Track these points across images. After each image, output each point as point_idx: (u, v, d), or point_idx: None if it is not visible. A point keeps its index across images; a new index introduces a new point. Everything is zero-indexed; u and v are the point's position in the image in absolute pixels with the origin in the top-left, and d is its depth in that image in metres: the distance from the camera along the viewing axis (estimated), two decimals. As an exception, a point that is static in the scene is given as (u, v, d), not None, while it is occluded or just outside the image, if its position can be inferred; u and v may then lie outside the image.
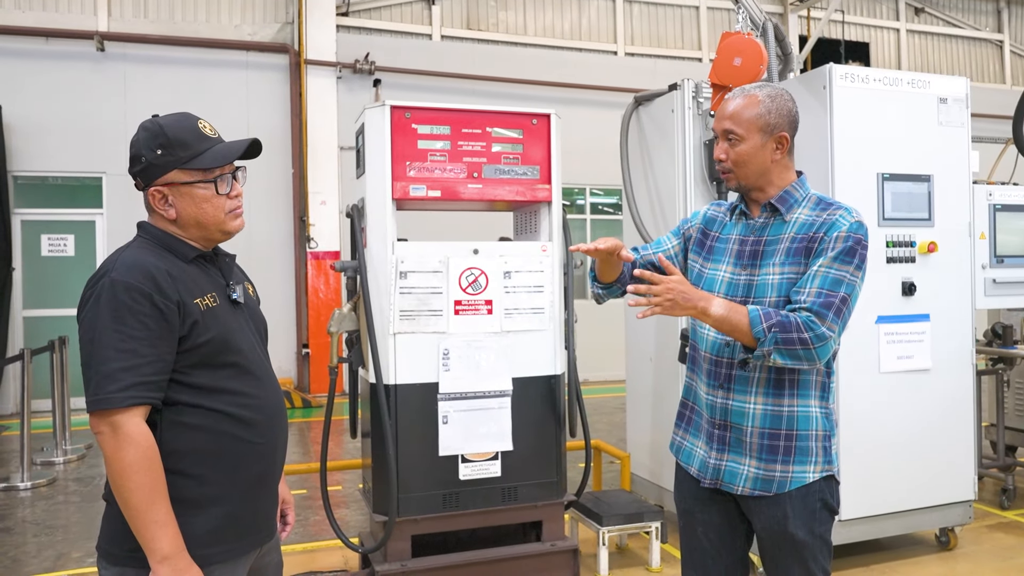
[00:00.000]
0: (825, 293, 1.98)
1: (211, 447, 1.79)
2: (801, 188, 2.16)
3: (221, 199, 1.87)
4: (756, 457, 2.10)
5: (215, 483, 1.80)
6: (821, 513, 2.11)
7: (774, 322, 1.97)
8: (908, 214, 4.06)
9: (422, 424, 3.50)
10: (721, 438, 2.15)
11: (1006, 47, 15.06)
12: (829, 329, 1.96)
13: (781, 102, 2.12)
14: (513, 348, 3.61)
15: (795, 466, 2.08)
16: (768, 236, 2.14)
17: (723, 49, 3.60)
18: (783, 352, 1.97)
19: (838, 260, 2.01)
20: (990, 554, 4.31)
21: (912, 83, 4.09)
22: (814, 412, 2.11)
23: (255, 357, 1.91)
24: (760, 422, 2.09)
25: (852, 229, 2.04)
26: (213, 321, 1.81)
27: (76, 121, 9.39)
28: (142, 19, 9.90)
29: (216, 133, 1.90)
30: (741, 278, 2.15)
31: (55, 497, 5.72)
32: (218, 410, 1.80)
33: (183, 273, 1.80)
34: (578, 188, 11.74)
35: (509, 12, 11.74)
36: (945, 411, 4.14)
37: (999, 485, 5.25)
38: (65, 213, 9.64)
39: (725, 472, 2.14)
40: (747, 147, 2.09)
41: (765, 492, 2.09)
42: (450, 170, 3.58)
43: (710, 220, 2.32)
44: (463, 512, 3.57)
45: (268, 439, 1.89)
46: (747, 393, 2.10)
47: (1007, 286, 4.51)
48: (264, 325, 2.05)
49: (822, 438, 2.12)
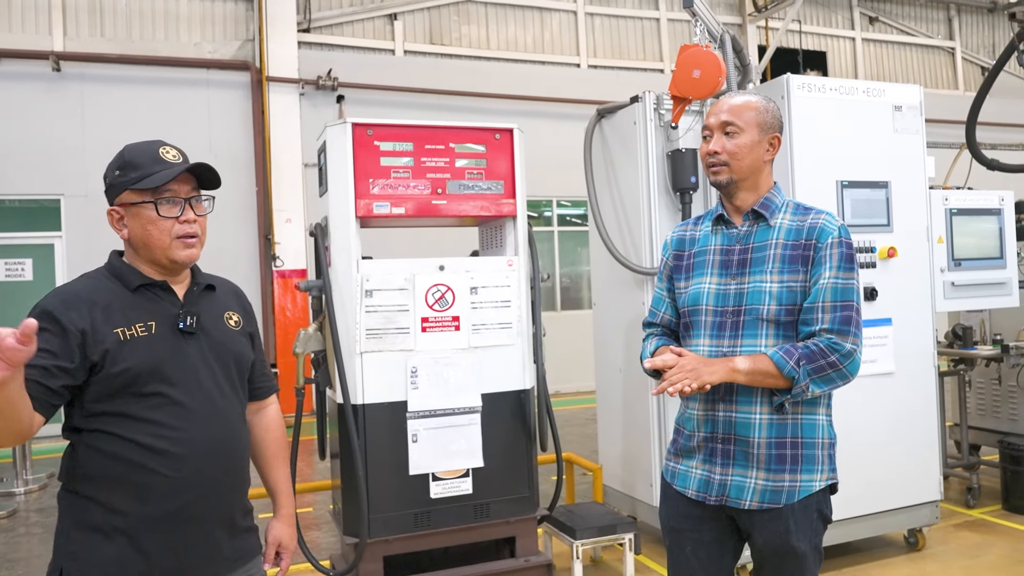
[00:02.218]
0: (840, 307, 2.02)
1: (121, 475, 1.77)
2: (779, 195, 2.20)
3: (167, 222, 1.84)
4: (764, 468, 2.06)
5: (122, 513, 1.77)
6: (817, 524, 2.12)
7: (799, 356, 1.99)
8: (867, 220, 4.13)
9: (391, 443, 3.47)
10: (725, 452, 2.11)
11: (958, 54, 15.45)
12: (853, 344, 2.01)
13: (774, 107, 2.19)
14: (481, 364, 3.60)
15: (803, 475, 2.07)
16: (755, 243, 2.14)
17: (682, 62, 3.64)
18: (818, 381, 2.00)
19: (842, 268, 2.05)
20: (957, 553, 4.37)
21: (867, 92, 4.17)
22: (821, 420, 2.12)
23: (193, 388, 1.84)
24: (767, 432, 2.06)
25: (842, 234, 2.08)
26: (133, 351, 1.77)
27: (33, 143, 9.20)
28: (99, 38, 9.75)
29: (181, 158, 1.89)
30: (731, 287, 2.13)
31: (16, 529, 5.56)
32: (132, 439, 1.77)
33: (117, 302, 1.82)
34: (545, 200, 11.78)
35: (472, 26, 11.78)
36: (909, 413, 4.20)
37: (964, 484, 5.34)
38: (23, 237, 9.42)
39: (732, 487, 2.10)
40: (746, 140, 2.12)
41: (774, 504, 2.06)
42: (414, 186, 3.56)
43: (679, 242, 2.32)
44: (435, 531, 3.54)
45: (187, 474, 1.80)
46: (752, 404, 2.07)
47: (965, 288, 4.60)
48: (235, 356, 1.97)
49: (828, 446, 2.13)
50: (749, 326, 2.09)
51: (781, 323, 2.07)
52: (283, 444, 2.21)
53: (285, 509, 2.19)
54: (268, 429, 2.17)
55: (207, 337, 1.92)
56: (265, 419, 2.18)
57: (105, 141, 9.39)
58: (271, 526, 2.17)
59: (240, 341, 2.01)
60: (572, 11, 12.40)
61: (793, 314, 2.07)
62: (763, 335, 2.07)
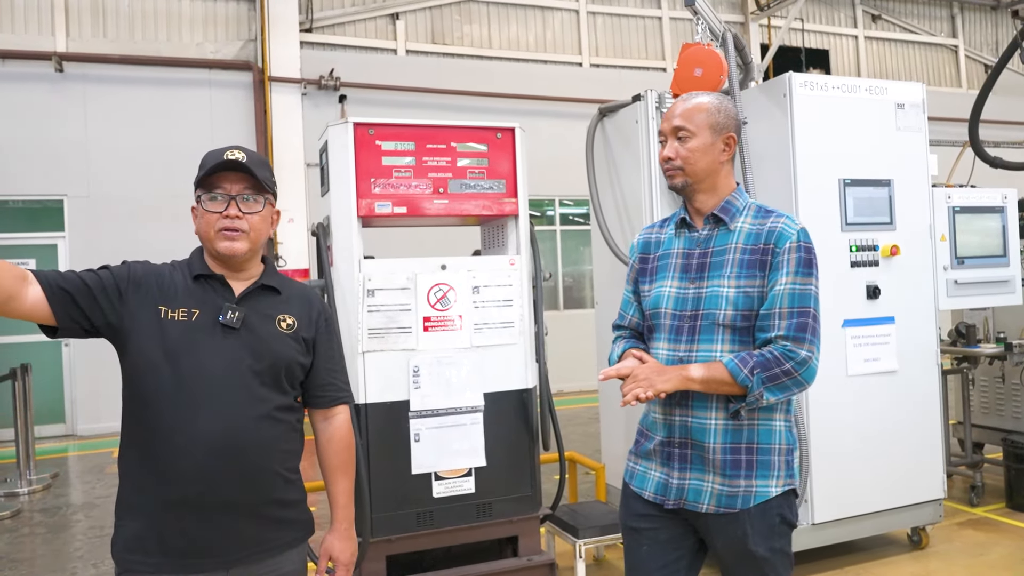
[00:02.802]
0: (797, 313, 2.00)
1: (141, 457, 1.91)
2: (740, 197, 2.17)
3: (211, 216, 1.96)
4: (720, 473, 2.06)
5: (138, 492, 1.91)
6: (780, 528, 2.09)
7: (753, 364, 1.98)
8: (870, 219, 4.12)
9: (394, 443, 3.47)
10: (682, 456, 2.12)
11: (961, 52, 15.42)
12: (808, 351, 1.99)
13: (729, 107, 2.17)
14: (484, 363, 3.60)
15: (758, 480, 2.06)
16: (714, 247, 2.13)
17: (684, 60, 3.63)
18: (773, 389, 1.98)
19: (799, 274, 2.02)
20: (961, 551, 4.37)
21: (870, 90, 4.16)
22: (777, 426, 2.10)
23: (214, 381, 1.89)
24: (723, 438, 2.06)
25: (801, 238, 2.06)
26: (165, 330, 1.90)
27: (36, 143, 9.22)
28: (101, 39, 9.77)
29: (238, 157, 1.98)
30: (689, 291, 2.13)
31: (19, 530, 5.57)
32: (147, 424, 1.89)
33: (176, 286, 1.97)
34: (547, 199, 11.78)
35: (474, 26, 11.78)
36: (913, 411, 4.19)
37: (968, 482, 5.33)
38: (26, 237, 9.46)
39: (689, 491, 2.10)
40: (698, 143, 2.11)
41: (730, 509, 2.06)
42: (415, 186, 3.56)
43: (645, 245, 2.32)
44: (438, 530, 3.54)
45: (192, 463, 1.85)
46: (707, 409, 2.07)
47: (968, 287, 4.59)
48: (275, 357, 1.98)
49: (785, 452, 2.10)
50: (705, 331, 2.08)
51: (737, 328, 2.06)
52: (345, 457, 2.18)
53: (339, 523, 2.17)
54: (331, 440, 2.17)
55: (250, 334, 1.96)
56: (329, 429, 2.17)
57: (108, 141, 9.46)
58: (325, 538, 2.17)
59: (286, 344, 2.01)
60: (574, 10, 12.39)
61: (750, 319, 2.05)
62: (719, 340, 2.06)
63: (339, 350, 2.24)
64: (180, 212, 9.17)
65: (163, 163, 9.54)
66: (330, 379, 2.14)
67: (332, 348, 2.17)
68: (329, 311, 2.23)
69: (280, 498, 2.00)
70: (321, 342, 2.11)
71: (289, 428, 2.03)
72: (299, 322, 2.05)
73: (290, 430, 2.03)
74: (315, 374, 2.10)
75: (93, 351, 9.16)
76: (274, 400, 1.97)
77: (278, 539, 2.01)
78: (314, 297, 2.18)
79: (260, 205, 2.00)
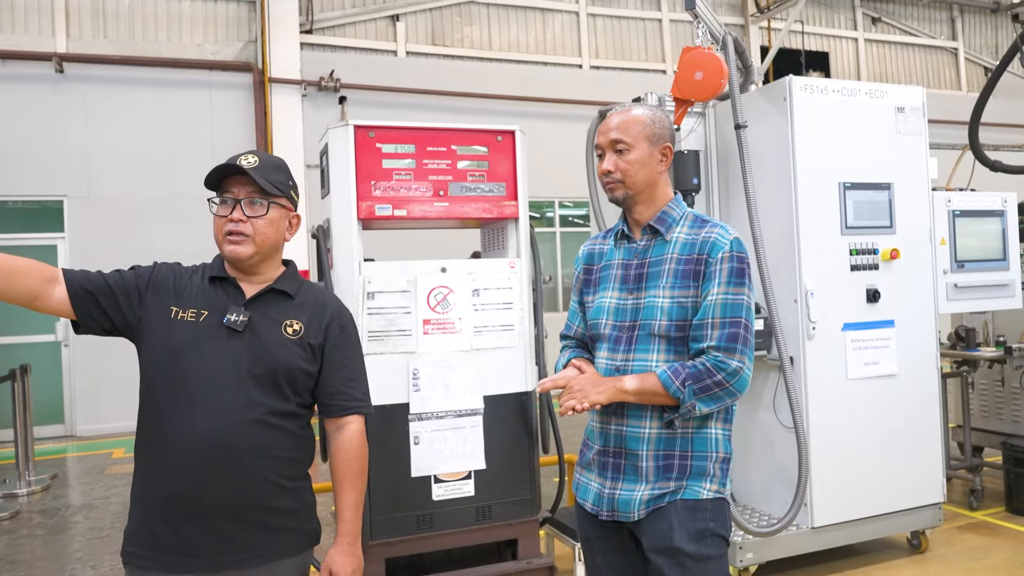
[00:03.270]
0: (728, 323, 2.00)
1: (146, 451, 1.96)
2: (678, 207, 2.18)
3: (219, 220, 2.00)
4: (651, 480, 2.06)
5: (141, 485, 1.97)
6: (712, 540, 2.05)
7: (685, 375, 1.98)
8: (870, 222, 4.12)
9: (393, 445, 3.47)
10: (616, 466, 2.12)
11: (961, 54, 15.43)
12: (739, 361, 1.99)
13: (662, 117, 2.17)
14: (483, 366, 3.60)
15: (689, 481, 2.06)
16: (651, 258, 2.14)
17: (684, 64, 3.63)
18: (704, 399, 1.99)
19: (731, 284, 2.03)
20: (961, 555, 4.36)
21: (870, 93, 4.16)
22: (713, 434, 2.09)
23: (212, 382, 1.91)
24: (655, 446, 2.06)
25: (733, 247, 2.05)
26: (175, 331, 1.95)
27: (36, 144, 9.21)
28: (101, 39, 9.77)
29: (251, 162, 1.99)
30: (628, 303, 2.14)
31: (18, 531, 5.57)
32: (150, 421, 1.96)
33: (189, 286, 2.02)
34: (547, 201, 11.78)
35: (474, 27, 11.79)
36: (912, 415, 4.19)
37: (967, 486, 5.33)
38: (26, 238, 9.44)
39: (619, 502, 2.09)
40: (636, 155, 2.11)
41: (658, 505, 2.05)
42: (416, 188, 3.56)
43: (589, 255, 2.34)
44: (437, 533, 3.54)
45: (182, 464, 1.88)
46: (642, 419, 2.07)
47: (968, 290, 4.58)
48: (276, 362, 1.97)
49: (721, 460, 2.10)
50: (642, 341, 2.09)
51: (672, 338, 2.06)
52: (352, 469, 2.10)
53: (342, 537, 2.10)
54: (339, 449, 2.10)
55: (253, 337, 1.97)
56: (338, 439, 2.11)
57: (108, 142, 9.46)
58: (328, 552, 2.11)
59: (290, 349, 1.99)
60: (574, 12, 12.40)
61: (684, 330, 2.05)
62: (655, 350, 2.07)
63: (356, 359, 2.16)
64: (180, 213, 9.22)
65: (163, 164, 9.54)
66: (341, 387, 2.09)
67: (346, 356, 2.11)
68: (347, 319, 2.15)
69: (274, 505, 1.97)
70: (331, 349, 2.07)
71: (287, 434, 1.99)
72: (307, 328, 2.03)
73: (289, 436, 2.00)
74: (324, 382, 2.07)
75: (92, 352, 9.17)
76: (270, 405, 1.95)
77: (270, 546, 1.98)
78: (331, 304, 2.14)
79: (265, 209, 1.99)
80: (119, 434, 9.01)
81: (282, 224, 2.05)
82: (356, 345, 2.17)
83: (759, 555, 3.87)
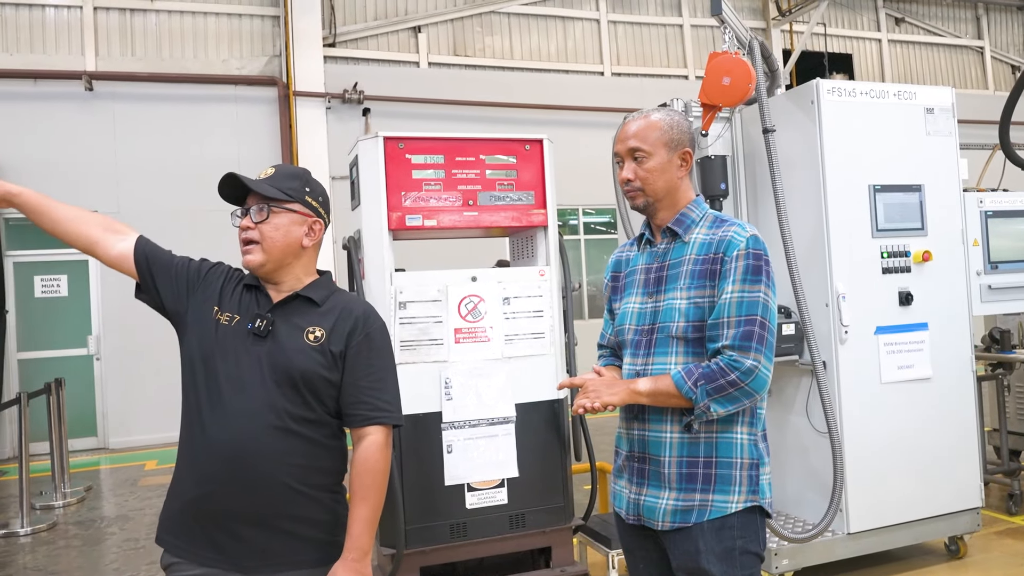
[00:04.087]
0: (744, 322, 1.96)
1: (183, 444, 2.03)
2: (697, 208, 2.15)
3: (238, 232, 2.06)
4: (675, 488, 2.03)
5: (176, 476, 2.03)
6: (738, 555, 2.00)
7: (698, 376, 1.95)
8: (901, 224, 4.08)
9: (426, 454, 3.49)
10: (640, 471, 2.11)
11: (987, 53, 15.25)
12: (755, 360, 1.94)
13: (681, 121, 2.15)
14: (515, 374, 3.61)
15: (715, 495, 2.00)
16: (671, 260, 2.12)
17: (711, 69, 3.63)
18: (719, 400, 1.94)
19: (746, 282, 1.99)
20: (1000, 560, 4.30)
21: (898, 95, 4.14)
22: (739, 439, 2.04)
23: (236, 387, 1.94)
24: (677, 451, 2.03)
25: (749, 244, 2.01)
26: (211, 332, 2.01)
27: (66, 160, 9.39)
28: (129, 57, 9.95)
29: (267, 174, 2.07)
30: (648, 306, 2.13)
31: (56, 542, 5.65)
32: (184, 416, 2.03)
33: (232, 289, 2.08)
34: (571, 209, 11.79)
35: (495, 37, 11.85)
36: (948, 419, 4.14)
37: (1005, 491, 5.24)
38: (58, 254, 9.59)
39: (645, 507, 2.08)
40: (655, 163, 2.10)
41: (684, 523, 2.01)
42: (445, 198, 3.59)
43: (617, 263, 2.34)
44: (471, 541, 3.55)
45: (203, 466, 1.94)
46: (663, 423, 2.06)
47: (1002, 291, 4.53)
48: (293, 368, 1.96)
49: (748, 466, 2.03)
50: (660, 344, 2.07)
51: (690, 340, 2.03)
52: (365, 483, 2.01)
53: (348, 552, 1.99)
54: (356, 461, 2.03)
55: (274, 343, 1.97)
56: (357, 451, 2.04)
57: (136, 157, 9.60)
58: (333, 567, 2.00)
59: (310, 356, 1.98)
60: (595, 19, 12.42)
61: (701, 331, 2.02)
62: (673, 353, 2.05)
63: (383, 367, 2.09)
64: (208, 226, 9.31)
65: (191, 178, 9.67)
66: (362, 397, 2.03)
67: (370, 365, 2.05)
68: (375, 326, 2.09)
69: (296, 513, 1.96)
70: (353, 356, 2.02)
71: (310, 442, 1.98)
72: (330, 335, 2.01)
73: (312, 444, 1.98)
74: (345, 390, 2.02)
75: (124, 366, 9.31)
76: (291, 411, 1.95)
77: (294, 555, 1.96)
78: (359, 310, 2.10)
79: (266, 214, 2.00)
80: (151, 446, 9.13)
81: (294, 229, 2.03)
82: (384, 353, 2.11)
83: (795, 561, 3.84)
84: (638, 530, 2.15)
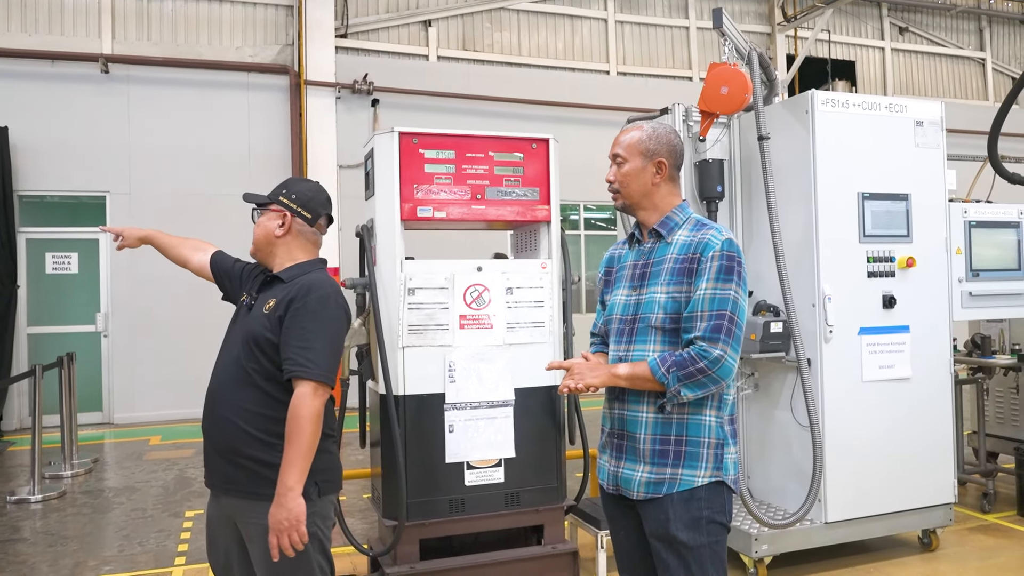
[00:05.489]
0: (714, 316, 2.18)
1: None
2: (681, 212, 2.39)
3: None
4: (649, 463, 2.27)
5: None
6: (708, 527, 2.23)
7: (670, 363, 2.19)
8: (887, 231, 4.28)
9: (429, 433, 3.70)
10: (619, 447, 2.36)
11: (988, 65, 15.42)
12: (722, 351, 2.16)
13: (663, 134, 2.40)
14: (515, 360, 3.82)
15: (684, 469, 2.24)
16: (655, 258, 2.36)
17: (711, 79, 3.83)
18: (689, 385, 2.17)
19: (719, 280, 2.21)
20: (971, 554, 4.51)
21: (890, 107, 4.33)
22: (707, 421, 2.27)
23: (225, 349, 2.49)
24: (652, 430, 2.27)
25: (724, 247, 2.23)
26: (237, 310, 2.59)
27: (81, 141, 9.57)
28: (145, 42, 10.12)
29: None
30: (632, 298, 2.37)
31: (66, 510, 5.86)
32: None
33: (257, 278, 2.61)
34: (572, 204, 11.98)
35: (504, 33, 12.01)
36: (925, 417, 4.34)
37: (981, 490, 5.45)
38: (69, 232, 9.82)
39: (622, 479, 2.33)
40: (629, 168, 2.37)
41: (655, 495, 2.25)
42: (455, 192, 3.79)
43: (610, 259, 2.59)
44: (468, 516, 3.76)
45: (207, 408, 2.45)
46: (640, 403, 2.29)
47: (982, 299, 4.73)
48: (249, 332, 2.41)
49: (714, 445, 2.27)
50: (641, 333, 2.32)
51: (667, 330, 2.27)
52: (290, 428, 2.25)
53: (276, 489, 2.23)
54: (288, 411, 2.28)
55: (249, 314, 2.48)
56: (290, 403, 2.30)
57: (150, 140, 9.79)
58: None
59: (260, 321, 2.40)
60: (602, 19, 12.58)
61: (678, 322, 2.26)
62: (652, 341, 2.29)
63: (314, 329, 2.33)
64: (216, 210, 9.53)
65: (202, 163, 9.86)
66: (290, 354, 2.30)
67: (302, 327, 2.31)
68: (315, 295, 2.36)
69: (250, 453, 2.33)
70: (289, 320, 2.34)
71: (264, 394, 2.35)
72: (278, 303, 2.39)
73: (265, 395, 2.35)
74: (281, 349, 2.33)
75: (130, 344, 9.51)
76: (246, 366, 2.37)
77: (250, 486, 2.33)
78: (307, 283, 2.40)
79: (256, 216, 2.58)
80: (154, 422, 9.34)
81: (270, 224, 2.53)
82: (317, 317, 2.34)
83: (774, 547, 4.05)
84: (618, 500, 2.41)
